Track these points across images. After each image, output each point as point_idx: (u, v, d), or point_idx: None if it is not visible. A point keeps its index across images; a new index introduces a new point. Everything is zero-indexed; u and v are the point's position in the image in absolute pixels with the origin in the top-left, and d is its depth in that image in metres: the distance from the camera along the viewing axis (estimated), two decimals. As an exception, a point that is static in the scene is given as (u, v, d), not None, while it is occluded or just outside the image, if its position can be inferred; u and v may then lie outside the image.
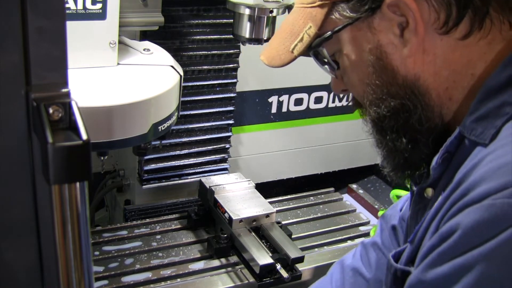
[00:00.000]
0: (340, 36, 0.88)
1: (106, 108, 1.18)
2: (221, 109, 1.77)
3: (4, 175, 0.69)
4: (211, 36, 1.67)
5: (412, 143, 0.87)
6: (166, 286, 1.40)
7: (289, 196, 1.87)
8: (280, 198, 1.85)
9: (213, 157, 1.83)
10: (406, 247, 0.88)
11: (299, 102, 2.02)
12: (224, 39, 1.69)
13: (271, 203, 1.60)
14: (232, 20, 1.52)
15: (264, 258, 1.40)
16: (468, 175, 0.73)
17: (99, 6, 1.24)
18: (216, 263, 1.49)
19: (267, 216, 1.54)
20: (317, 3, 0.88)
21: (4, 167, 0.69)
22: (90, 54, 1.28)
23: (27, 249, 0.74)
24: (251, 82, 1.89)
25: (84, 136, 0.64)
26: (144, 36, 1.56)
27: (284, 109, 2.00)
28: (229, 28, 1.60)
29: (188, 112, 1.72)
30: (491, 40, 0.79)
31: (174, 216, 1.67)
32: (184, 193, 1.81)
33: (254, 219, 1.52)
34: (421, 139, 0.86)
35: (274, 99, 1.97)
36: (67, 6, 1.21)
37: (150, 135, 1.29)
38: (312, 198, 1.88)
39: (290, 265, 1.42)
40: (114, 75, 1.30)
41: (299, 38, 0.91)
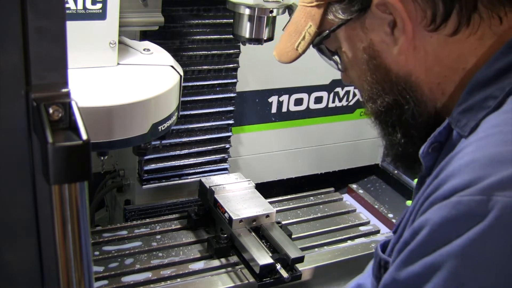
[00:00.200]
0: (337, 35, 0.91)
1: (106, 108, 1.18)
2: (221, 109, 1.77)
3: (4, 175, 0.69)
4: (211, 36, 1.67)
5: (406, 137, 0.89)
6: (166, 286, 1.40)
7: (289, 196, 1.87)
8: (280, 198, 1.84)
9: (213, 157, 1.83)
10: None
11: (299, 102, 2.02)
12: (224, 39, 1.69)
13: (271, 203, 1.60)
14: (232, 20, 1.52)
15: (264, 258, 1.40)
16: (444, 168, 0.73)
17: (99, 6, 1.24)
18: (216, 263, 1.49)
19: (267, 216, 1.54)
20: (314, 3, 0.91)
21: (4, 167, 0.69)
22: (90, 54, 1.28)
23: (27, 249, 0.74)
24: (251, 82, 1.89)
25: (84, 136, 0.64)
26: (144, 36, 1.56)
27: (284, 109, 2.00)
28: (229, 28, 1.60)
29: (188, 112, 1.72)
30: (481, 35, 0.80)
31: (174, 216, 1.67)
32: (184, 193, 1.81)
33: (254, 219, 1.52)
34: (414, 133, 0.88)
35: (274, 99, 1.97)
36: (67, 6, 1.21)
37: (150, 135, 1.29)
38: (312, 198, 1.88)
39: (290, 265, 1.42)
40: (114, 75, 1.30)
41: (301, 36, 0.94)
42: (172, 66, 1.37)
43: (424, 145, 0.84)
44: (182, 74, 1.39)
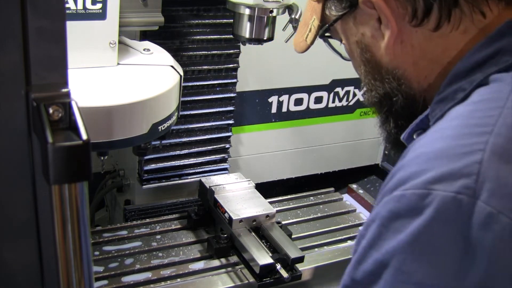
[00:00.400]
0: (336, 28, 0.95)
1: (106, 108, 1.18)
2: (221, 109, 1.77)
3: (4, 175, 0.69)
4: (211, 36, 1.67)
5: (397, 127, 0.93)
6: (166, 286, 1.40)
7: (289, 196, 1.87)
8: (280, 198, 1.84)
9: (213, 157, 1.83)
10: None
11: (299, 102, 2.02)
12: (224, 39, 1.69)
13: (271, 203, 1.60)
14: (232, 20, 1.52)
15: (264, 258, 1.40)
16: (400, 159, 0.74)
17: (99, 6, 1.24)
18: (216, 263, 1.49)
19: (267, 216, 1.54)
20: None
21: (4, 167, 0.69)
22: (90, 54, 1.28)
23: (27, 249, 0.74)
24: (251, 82, 1.89)
25: (84, 136, 0.64)
26: (144, 36, 1.56)
27: (284, 109, 2.00)
28: (229, 28, 1.60)
29: (188, 112, 1.72)
30: (464, 30, 0.81)
31: (174, 216, 1.67)
32: (184, 193, 1.81)
33: (254, 219, 1.52)
34: (404, 124, 0.90)
35: (274, 99, 1.97)
36: (67, 6, 1.21)
37: (150, 135, 1.29)
38: (312, 198, 1.88)
39: (290, 265, 1.42)
40: (114, 75, 1.30)
41: (308, 29, 0.99)
42: (172, 66, 1.37)
43: (406, 130, 0.87)
44: (182, 74, 1.39)
